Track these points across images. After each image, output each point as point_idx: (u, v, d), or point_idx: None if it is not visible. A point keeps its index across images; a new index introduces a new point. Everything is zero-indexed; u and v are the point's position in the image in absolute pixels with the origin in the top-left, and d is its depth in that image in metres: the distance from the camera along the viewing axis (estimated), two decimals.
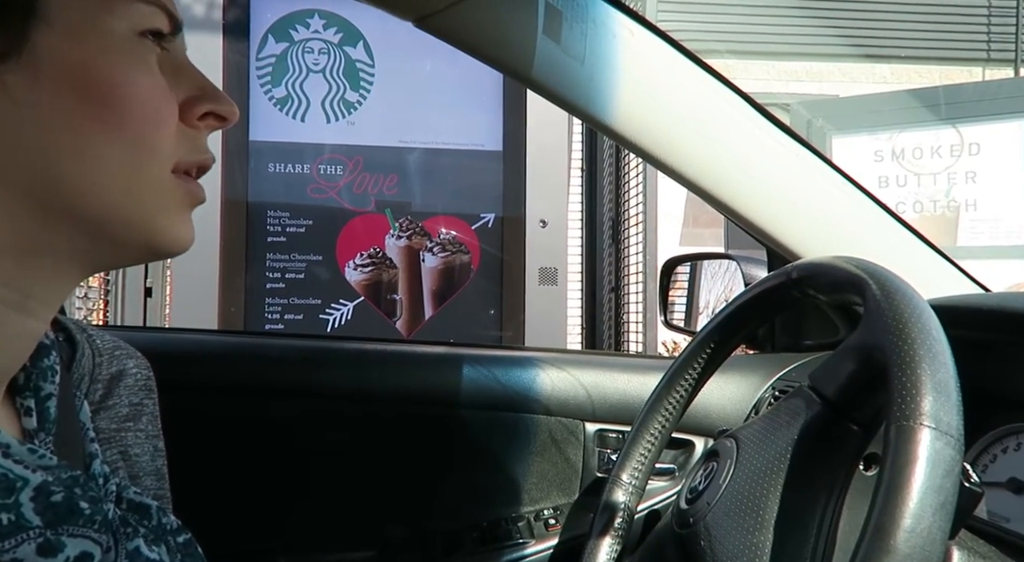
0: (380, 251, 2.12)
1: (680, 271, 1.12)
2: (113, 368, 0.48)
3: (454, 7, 0.66)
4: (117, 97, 0.32)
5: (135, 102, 0.33)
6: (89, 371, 0.46)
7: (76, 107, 0.31)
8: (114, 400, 0.47)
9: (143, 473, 0.49)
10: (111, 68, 0.32)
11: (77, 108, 0.31)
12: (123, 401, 0.48)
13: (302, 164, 2.09)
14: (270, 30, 2.08)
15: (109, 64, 0.32)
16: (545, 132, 2.15)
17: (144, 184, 0.33)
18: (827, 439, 0.46)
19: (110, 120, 0.32)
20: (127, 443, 0.48)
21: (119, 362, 0.49)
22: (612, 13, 0.72)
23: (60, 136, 0.31)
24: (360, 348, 0.94)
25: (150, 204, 0.34)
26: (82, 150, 0.32)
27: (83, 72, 0.31)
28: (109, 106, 0.32)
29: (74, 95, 0.31)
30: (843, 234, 0.79)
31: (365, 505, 0.86)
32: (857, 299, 0.46)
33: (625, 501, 0.65)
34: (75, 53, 0.31)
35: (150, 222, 0.34)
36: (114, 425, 0.47)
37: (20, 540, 0.31)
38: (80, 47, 0.32)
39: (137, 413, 0.49)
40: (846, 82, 4.69)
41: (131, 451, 0.48)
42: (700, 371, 0.65)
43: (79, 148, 0.32)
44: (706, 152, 0.75)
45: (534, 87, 0.72)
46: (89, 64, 0.32)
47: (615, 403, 0.89)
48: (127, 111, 0.32)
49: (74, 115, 0.31)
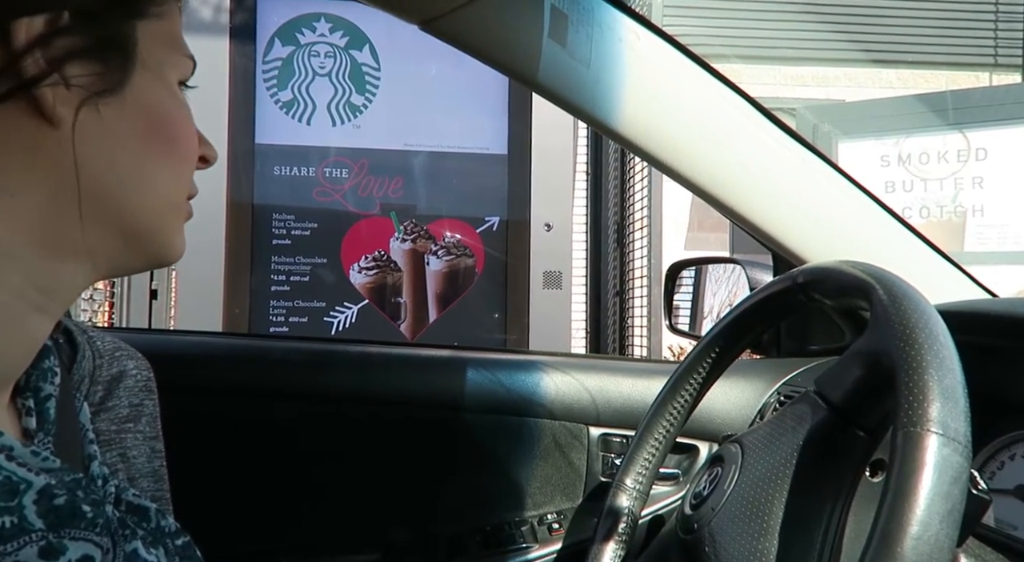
0: (385, 254, 2.12)
1: (685, 275, 1.12)
2: (114, 369, 0.48)
3: (460, 10, 0.66)
4: (174, 133, 0.39)
5: (184, 139, 0.40)
6: (89, 373, 0.46)
7: (145, 136, 0.37)
8: (114, 401, 0.47)
9: (139, 475, 0.48)
10: (172, 108, 0.39)
11: (146, 137, 0.37)
12: (123, 402, 0.48)
13: (307, 167, 2.10)
14: (276, 34, 2.09)
15: (171, 105, 0.39)
16: (550, 136, 2.15)
17: (174, 206, 0.40)
18: (833, 445, 0.45)
19: (167, 151, 0.39)
20: (126, 445, 0.48)
21: (119, 363, 0.49)
22: (618, 17, 0.72)
23: (128, 157, 0.37)
24: (364, 351, 0.94)
25: (170, 222, 0.40)
26: (142, 172, 0.37)
27: (155, 109, 0.38)
28: (169, 140, 0.39)
29: (147, 127, 0.37)
30: (849, 239, 0.79)
31: (369, 508, 0.86)
32: (864, 304, 0.46)
33: (629, 506, 0.65)
34: (153, 93, 0.38)
35: (166, 236, 0.40)
36: (114, 427, 0.47)
37: (22, 543, 0.31)
38: (156, 88, 0.38)
39: (137, 414, 0.49)
40: (852, 87, 4.68)
41: (129, 453, 0.48)
42: (705, 375, 0.64)
43: (140, 169, 0.37)
44: (712, 156, 0.75)
45: (540, 91, 0.72)
46: (159, 103, 0.38)
47: (619, 407, 0.89)
48: (178, 145, 0.39)
49: (143, 142, 0.37)
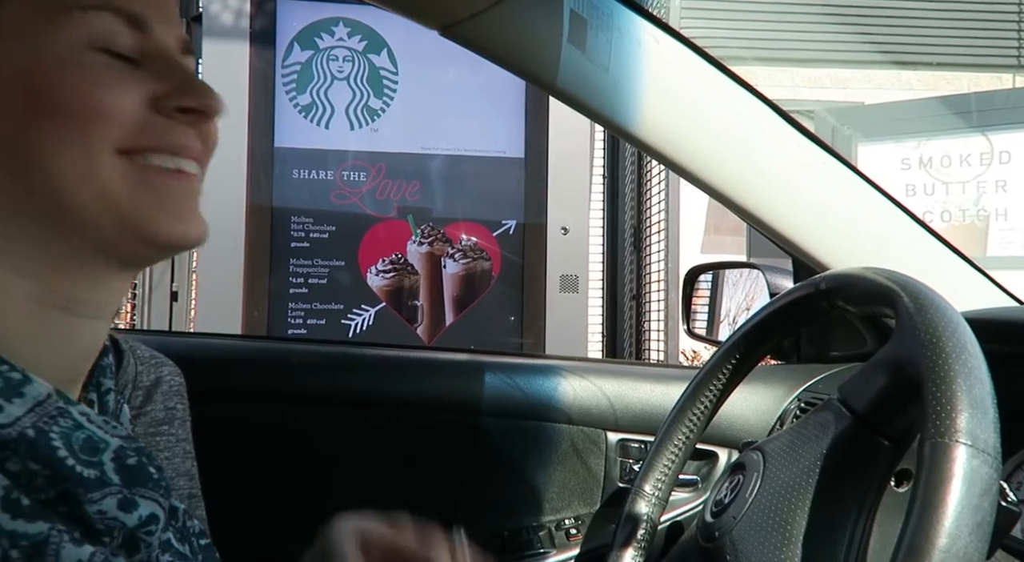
0: (402, 257, 2.13)
1: (702, 279, 1.11)
2: (152, 376, 0.50)
3: (479, 16, 0.66)
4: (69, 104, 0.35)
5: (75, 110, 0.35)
6: (132, 379, 0.49)
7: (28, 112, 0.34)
8: (151, 406, 0.50)
9: (176, 474, 0.51)
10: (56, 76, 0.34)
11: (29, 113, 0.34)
12: (158, 406, 0.50)
13: (326, 170, 2.11)
14: (296, 38, 2.11)
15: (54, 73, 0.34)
16: (567, 139, 2.14)
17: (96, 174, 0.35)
18: (857, 454, 0.45)
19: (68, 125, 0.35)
20: (160, 447, 0.50)
21: (156, 370, 0.51)
22: (637, 21, 0.72)
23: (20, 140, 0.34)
24: (382, 354, 0.94)
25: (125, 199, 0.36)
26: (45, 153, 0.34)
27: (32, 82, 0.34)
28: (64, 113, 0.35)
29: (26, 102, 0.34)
30: (871, 244, 0.78)
31: (386, 511, 0.86)
32: (888, 311, 0.46)
33: (648, 512, 0.65)
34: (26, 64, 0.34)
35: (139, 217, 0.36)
36: (151, 430, 0.50)
37: (105, 494, 0.34)
38: (33, 58, 0.34)
39: (170, 417, 0.52)
40: (872, 89, 4.63)
41: (163, 454, 0.50)
42: (725, 382, 0.64)
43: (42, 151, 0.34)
44: (732, 160, 0.74)
45: (559, 95, 0.72)
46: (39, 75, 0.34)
47: (638, 413, 0.88)
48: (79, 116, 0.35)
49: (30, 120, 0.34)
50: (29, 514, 0.32)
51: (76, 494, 0.34)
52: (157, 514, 0.36)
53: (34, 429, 0.33)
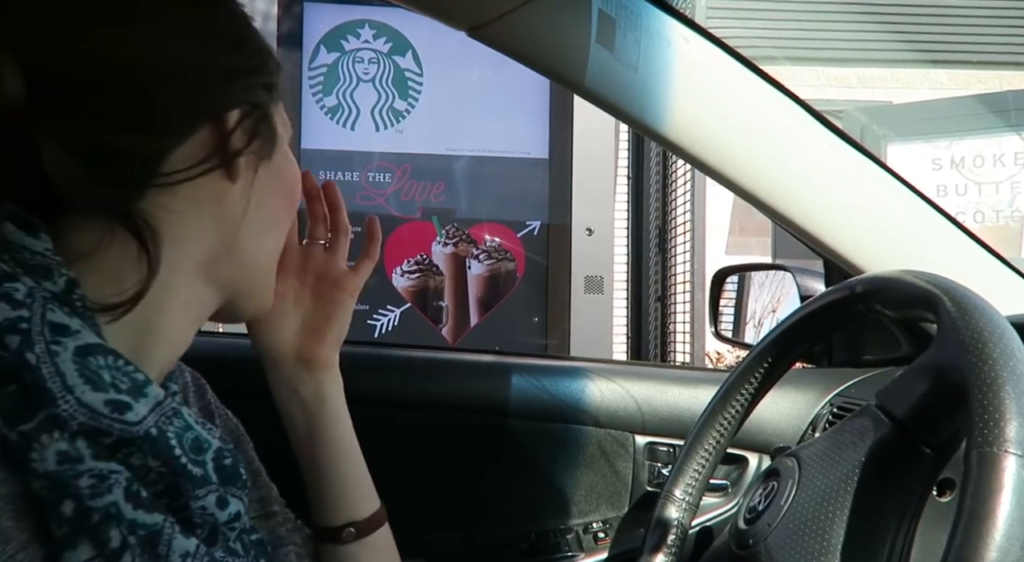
0: (427, 258, 2.13)
1: (729, 281, 1.10)
2: (181, 381, 0.51)
3: (507, 16, 0.66)
4: (294, 189, 0.48)
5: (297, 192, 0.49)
6: None
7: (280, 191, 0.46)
8: (191, 408, 0.51)
9: None
10: (292, 168, 0.48)
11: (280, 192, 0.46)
12: (195, 409, 0.51)
13: (351, 172, 2.13)
14: (322, 40, 2.13)
15: (291, 165, 0.47)
16: (592, 140, 2.13)
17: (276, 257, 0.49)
18: (897, 462, 0.44)
19: (290, 204, 0.48)
20: None
21: (182, 374, 0.53)
22: (666, 20, 0.71)
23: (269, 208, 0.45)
24: (407, 355, 0.95)
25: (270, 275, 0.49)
26: (275, 220, 0.46)
27: (285, 169, 0.46)
28: (292, 195, 0.48)
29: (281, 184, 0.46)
30: (906, 246, 0.77)
31: (412, 513, 0.86)
32: (929, 316, 0.44)
33: (678, 517, 0.64)
34: (283, 156, 0.46)
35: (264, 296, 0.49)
36: None
37: (207, 491, 0.38)
38: (283, 151, 0.46)
39: (209, 416, 0.54)
40: (900, 88, 4.54)
41: None
42: (757, 386, 0.63)
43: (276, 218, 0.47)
44: (762, 160, 0.73)
45: (587, 96, 0.71)
46: (287, 164, 0.47)
47: (666, 416, 0.87)
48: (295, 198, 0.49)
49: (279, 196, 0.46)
50: (147, 505, 0.35)
51: (185, 490, 0.37)
52: (241, 511, 0.40)
53: (156, 428, 0.36)
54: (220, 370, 0.58)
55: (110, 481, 0.34)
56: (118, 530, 0.34)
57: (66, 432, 0.33)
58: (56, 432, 0.33)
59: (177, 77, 0.39)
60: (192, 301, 0.43)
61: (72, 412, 0.33)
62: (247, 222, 0.43)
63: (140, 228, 0.38)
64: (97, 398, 0.34)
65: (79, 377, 0.34)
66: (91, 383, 0.34)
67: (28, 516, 0.33)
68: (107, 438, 0.34)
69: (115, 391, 0.35)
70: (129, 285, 0.37)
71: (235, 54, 0.42)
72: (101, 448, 0.34)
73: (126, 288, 0.37)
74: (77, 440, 0.33)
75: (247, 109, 0.41)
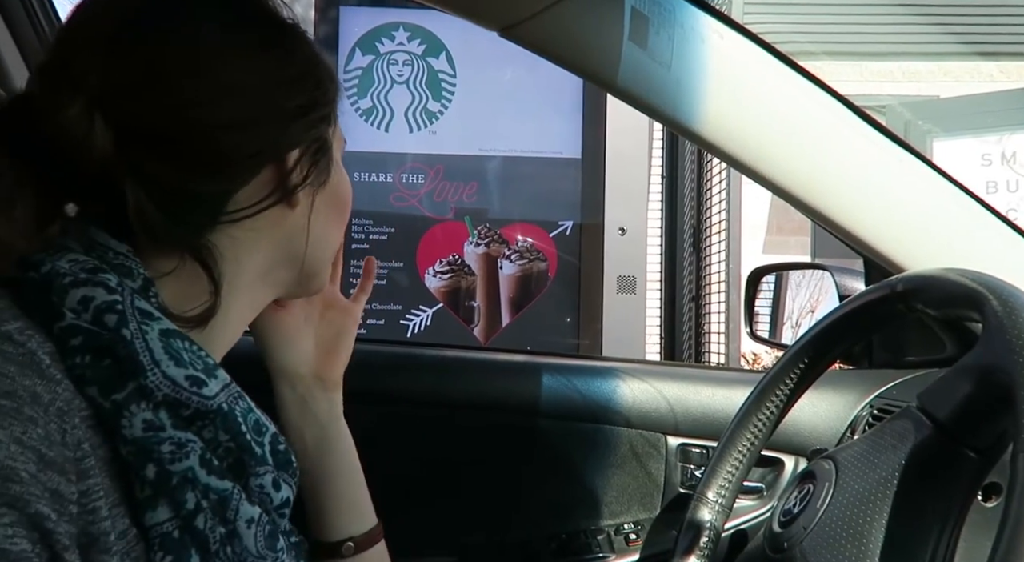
0: (459, 258, 2.14)
1: (764, 280, 1.08)
2: None
3: (539, 16, 0.66)
4: (347, 205, 0.52)
5: (349, 206, 0.53)
6: None
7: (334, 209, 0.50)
8: None
9: None
10: (346, 185, 0.52)
11: (334, 209, 0.50)
12: None
13: (385, 173, 2.15)
14: (357, 43, 2.16)
15: (345, 182, 0.52)
16: (625, 139, 2.12)
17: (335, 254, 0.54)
18: (940, 465, 0.42)
19: (343, 218, 0.52)
20: None
21: None
22: (700, 17, 0.70)
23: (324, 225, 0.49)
24: (440, 355, 0.95)
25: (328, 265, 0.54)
26: (329, 234, 0.51)
27: (340, 189, 0.50)
28: (344, 210, 0.52)
29: (336, 203, 0.50)
30: (951, 244, 0.74)
31: (444, 512, 0.87)
32: (974, 315, 0.43)
33: (711, 519, 0.63)
34: (338, 177, 0.50)
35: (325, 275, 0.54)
36: None
37: (265, 470, 0.41)
38: (338, 172, 0.50)
39: None
40: (948, 82, 4.40)
41: None
42: (792, 387, 0.62)
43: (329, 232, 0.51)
44: (801, 157, 0.72)
45: (620, 94, 0.71)
46: (342, 184, 0.51)
47: (699, 417, 0.86)
48: (348, 212, 0.53)
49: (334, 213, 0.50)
50: (219, 472, 0.39)
51: (248, 465, 0.41)
52: (290, 498, 0.43)
53: (227, 404, 0.40)
54: None
55: (187, 448, 0.38)
56: (193, 493, 0.37)
57: (151, 402, 0.37)
58: (143, 402, 0.37)
59: (244, 127, 0.42)
60: (251, 303, 0.48)
61: (158, 383, 0.37)
62: (306, 236, 0.47)
63: (206, 258, 0.42)
64: (179, 373, 0.38)
65: (164, 353, 0.38)
66: (174, 359, 0.38)
67: (119, 478, 0.37)
68: (185, 410, 0.38)
69: (193, 369, 0.39)
70: (198, 303, 0.42)
71: (299, 93, 0.45)
72: (179, 419, 0.38)
73: (196, 306, 0.42)
74: (160, 410, 0.37)
75: (307, 146, 0.45)
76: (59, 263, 0.38)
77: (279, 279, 0.49)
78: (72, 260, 0.39)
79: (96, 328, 0.37)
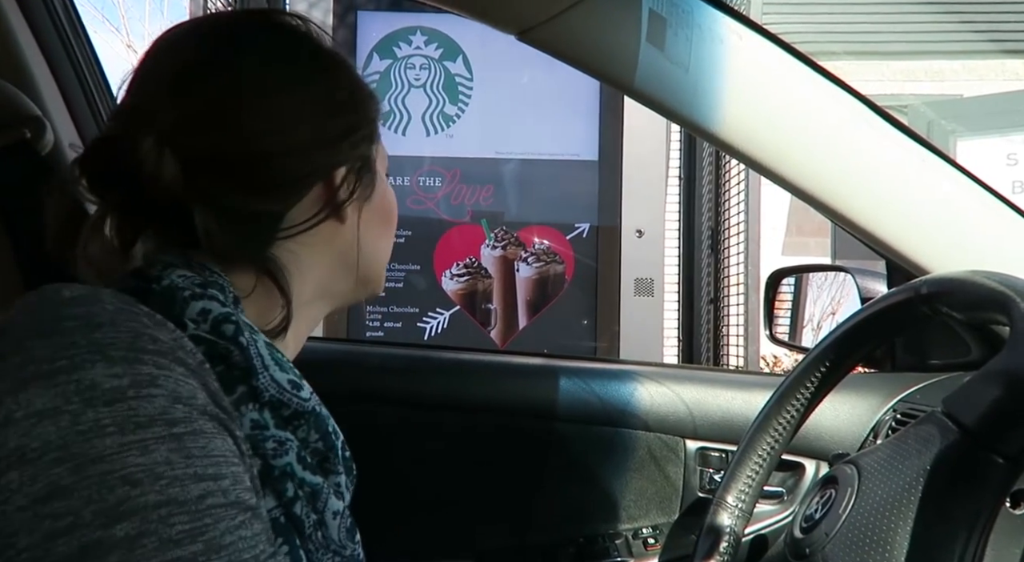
0: (476, 261, 2.15)
1: (784, 282, 1.07)
2: None
3: (556, 19, 0.66)
4: (393, 215, 0.56)
5: (395, 216, 0.56)
6: None
7: (382, 221, 0.54)
8: None
9: None
10: (391, 197, 0.55)
11: (382, 222, 0.54)
12: None
13: (402, 177, 2.16)
14: (375, 48, 2.17)
15: (390, 194, 0.55)
16: (642, 140, 2.11)
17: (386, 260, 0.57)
18: (966, 471, 0.42)
19: (390, 228, 0.56)
20: None
21: None
22: (719, 17, 0.70)
23: (374, 237, 0.53)
24: (457, 358, 0.95)
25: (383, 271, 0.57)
26: (379, 244, 0.54)
27: (385, 201, 0.54)
28: (391, 221, 0.56)
29: (382, 215, 0.54)
30: (976, 245, 0.73)
31: (462, 515, 0.87)
32: (1001, 318, 0.42)
33: (731, 524, 0.63)
34: (382, 190, 0.54)
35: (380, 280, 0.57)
36: None
37: (340, 472, 0.45)
38: (383, 185, 0.54)
39: None
40: (972, 81, 4.34)
41: None
42: (813, 391, 0.61)
43: (378, 243, 0.54)
44: (822, 159, 0.71)
45: (637, 97, 0.70)
46: (386, 196, 0.54)
47: (718, 421, 0.86)
48: (395, 221, 0.56)
49: (381, 225, 0.54)
50: (312, 469, 0.42)
51: (332, 463, 0.44)
52: (344, 510, 0.45)
53: (318, 406, 0.44)
54: None
55: (287, 446, 0.41)
56: (292, 484, 0.41)
57: (258, 403, 0.41)
58: (252, 403, 0.41)
59: (297, 152, 0.47)
60: (312, 317, 0.52)
61: (267, 385, 0.41)
62: (357, 246, 0.51)
63: (275, 270, 0.46)
64: (283, 377, 0.42)
65: (271, 359, 0.42)
66: (279, 365, 0.43)
67: None
68: (285, 410, 0.42)
69: (293, 374, 0.43)
70: (272, 317, 0.46)
71: (344, 117, 0.49)
72: (280, 419, 0.42)
73: (271, 320, 0.46)
74: (264, 411, 0.41)
75: (351, 164, 0.49)
76: (174, 278, 0.42)
77: (337, 290, 0.53)
78: (182, 275, 0.42)
79: (213, 337, 0.40)
